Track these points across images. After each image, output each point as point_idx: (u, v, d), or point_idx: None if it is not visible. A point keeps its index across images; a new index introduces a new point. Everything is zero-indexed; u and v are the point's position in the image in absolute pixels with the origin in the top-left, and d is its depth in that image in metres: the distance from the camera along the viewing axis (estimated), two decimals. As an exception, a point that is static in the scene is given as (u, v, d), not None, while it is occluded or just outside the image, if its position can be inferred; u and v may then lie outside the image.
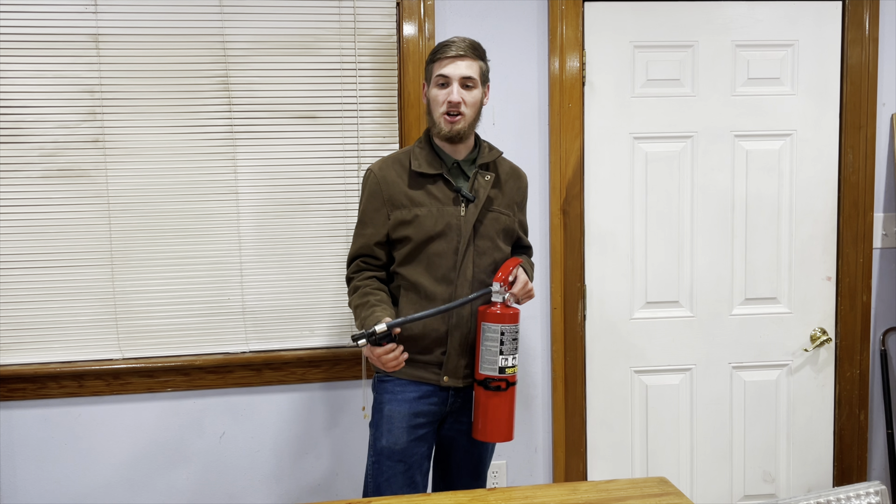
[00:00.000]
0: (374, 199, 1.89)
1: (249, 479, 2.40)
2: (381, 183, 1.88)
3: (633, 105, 2.45)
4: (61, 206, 2.24)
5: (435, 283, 1.85)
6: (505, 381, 1.78)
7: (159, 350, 2.32)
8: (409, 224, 1.85)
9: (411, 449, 1.86)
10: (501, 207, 1.93)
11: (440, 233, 1.85)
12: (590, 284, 2.49)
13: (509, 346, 1.78)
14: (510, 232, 1.96)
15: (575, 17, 2.39)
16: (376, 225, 1.89)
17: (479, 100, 1.88)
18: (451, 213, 1.86)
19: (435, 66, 1.86)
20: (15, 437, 2.30)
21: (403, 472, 1.86)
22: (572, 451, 2.51)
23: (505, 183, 1.96)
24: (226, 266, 2.32)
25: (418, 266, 1.87)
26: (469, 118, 1.86)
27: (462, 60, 1.84)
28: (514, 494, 1.64)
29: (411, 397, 1.87)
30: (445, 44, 1.86)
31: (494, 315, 1.77)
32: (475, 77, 1.86)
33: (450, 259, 1.85)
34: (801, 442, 2.61)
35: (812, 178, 2.52)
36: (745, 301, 2.55)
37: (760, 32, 2.47)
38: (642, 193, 2.49)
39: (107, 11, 2.21)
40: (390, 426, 1.87)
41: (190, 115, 2.27)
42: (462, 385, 1.89)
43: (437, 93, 1.85)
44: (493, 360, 1.77)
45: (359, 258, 1.92)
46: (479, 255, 1.88)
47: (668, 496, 1.61)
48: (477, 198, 1.87)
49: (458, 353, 1.87)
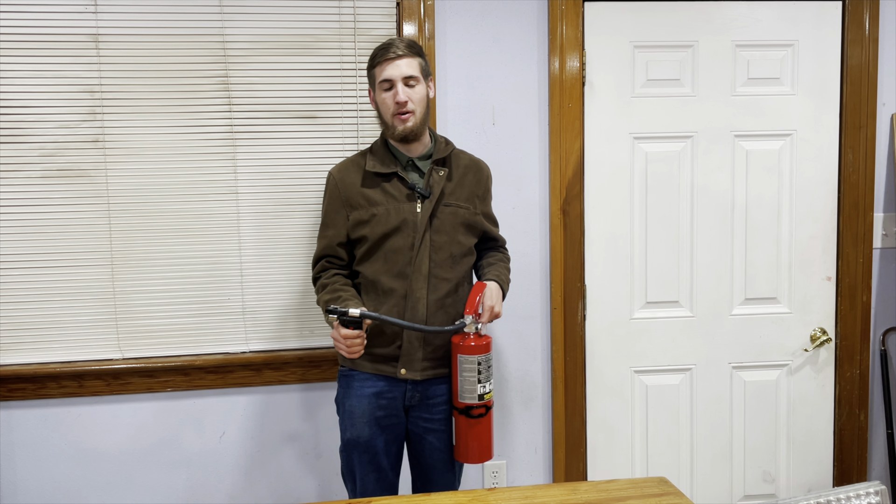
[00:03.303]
0: (334, 202, 1.96)
1: (249, 479, 2.40)
2: (340, 185, 1.95)
3: (633, 105, 2.45)
4: (61, 206, 2.24)
5: (392, 279, 1.90)
6: (485, 406, 1.84)
7: (159, 350, 2.32)
8: (366, 223, 1.91)
9: (374, 440, 1.94)
10: (460, 201, 1.96)
11: (395, 229, 1.90)
12: (590, 284, 2.49)
13: (486, 374, 1.83)
14: (472, 225, 1.99)
15: (575, 17, 2.39)
16: (337, 226, 1.96)
17: (425, 95, 1.92)
18: (407, 209, 1.91)
19: (376, 71, 1.90)
20: (15, 437, 2.30)
21: (369, 461, 1.95)
22: (572, 451, 2.51)
23: (463, 176, 1.99)
24: (226, 266, 2.32)
25: (376, 262, 1.92)
26: (419, 115, 1.90)
27: (401, 60, 1.87)
28: (514, 494, 1.64)
29: (369, 393, 1.94)
30: (382, 47, 1.90)
31: (470, 348, 1.82)
32: (417, 74, 1.89)
33: (406, 255, 1.90)
34: (801, 442, 2.61)
35: (812, 179, 2.52)
36: (745, 301, 2.55)
37: (760, 32, 2.47)
38: (642, 193, 2.49)
39: (107, 11, 2.21)
40: (353, 421, 1.95)
41: (190, 115, 2.27)
42: (420, 378, 1.93)
43: (385, 96, 1.90)
44: (473, 389, 1.82)
45: (323, 258, 1.99)
46: (436, 251, 1.91)
47: (668, 496, 1.61)
48: (431, 193, 1.91)
49: (414, 346, 1.91)
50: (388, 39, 1.92)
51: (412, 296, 1.89)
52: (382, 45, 1.91)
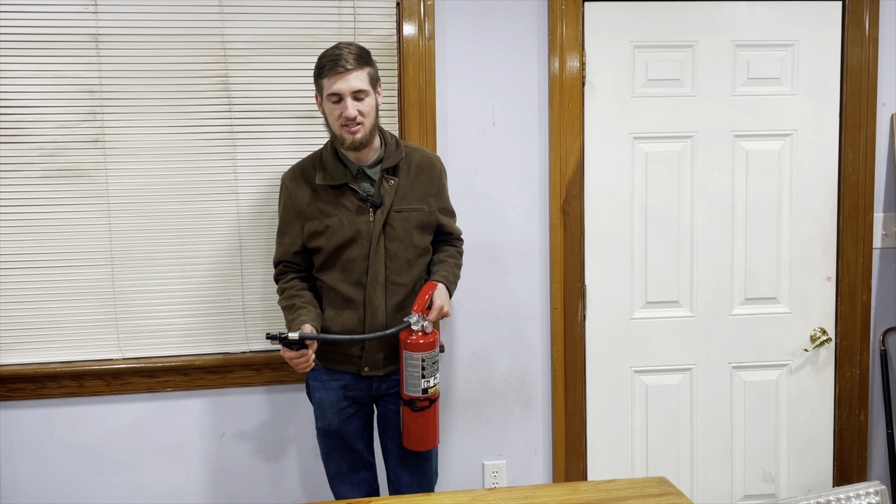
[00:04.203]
0: (288, 212, 1.99)
1: (249, 479, 2.40)
2: (293, 196, 1.97)
3: (633, 105, 2.45)
4: (61, 206, 2.24)
5: (350, 288, 1.93)
6: (428, 399, 1.89)
7: (159, 350, 2.32)
8: (321, 234, 1.93)
9: (344, 427, 2.00)
10: (412, 204, 1.96)
11: (350, 240, 1.92)
12: (590, 284, 2.49)
13: (430, 370, 1.88)
14: (427, 225, 2.00)
15: (575, 17, 2.39)
16: (292, 235, 1.98)
17: (374, 104, 1.90)
18: (361, 220, 1.92)
19: (324, 82, 1.85)
20: (15, 437, 2.29)
21: (341, 445, 2.02)
22: (572, 451, 2.51)
23: (416, 177, 1.98)
24: (226, 266, 2.32)
25: (334, 272, 1.95)
26: (368, 125, 1.88)
27: (350, 74, 1.83)
28: (514, 494, 1.64)
29: (336, 385, 1.99)
30: (332, 58, 1.83)
31: (415, 345, 1.86)
32: (366, 88, 1.86)
33: (361, 264, 1.92)
34: (801, 442, 2.61)
35: (812, 178, 2.52)
36: (745, 301, 2.55)
37: (760, 32, 2.47)
38: (642, 193, 2.49)
39: (107, 11, 2.21)
40: (322, 411, 2.01)
41: (190, 115, 2.27)
42: (383, 374, 1.99)
43: (332, 107, 1.86)
44: (417, 384, 1.87)
45: (281, 263, 2.02)
46: (391, 258, 1.93)
47: (668, 496, 1.61)
48: (383, 203, 1.91)
49: (375, 348, 1.97)
50: (337, 47, 1.85)
51: (371, 304, 1.93)
52: (331, 54, 1.84)
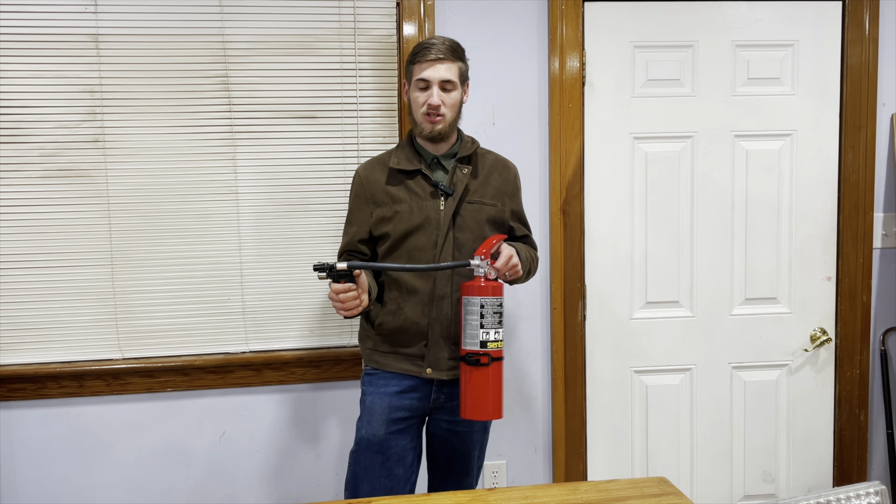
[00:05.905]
0: (359, 199, 1.96)
1: (249, 479, 2.40)
2: (365, 182, 1.95)
3: (633, 105, 2.45)
4: (61, 206, 2.24)
5: (415, 277, 1.89)
6: (487, 354, 1.75)
7: (159, 350, 2.32)
8: (389, 220, 1.90)
9: (390, 441, 1.89)
10: (485, 198, 1.94)
11: (418, 226, 1.88)
12: (590, 284, 2.49)
13: (490, 320, 1.76)
14: (499, 222, 1.97)
15: (575, 17, 2.39)
16: (360, 223, 1.95)
17: (459, 100, 1.92)
18: (431, 206, 1.89)
19: (415, 68, 1.89)
20: (15, 437, 2.30)
21: (381, 464, 1.88)
22: (572, 451, 2.51)
23: (489, 174, 1.97)
24: (226, 266, 2.32)
25: (399, 260, 1.90)
26: (449, 119, 1.89)
27: (441, 63, 1.86)
28: (514, 494, 1.64)
29: (393, 391, 1.91)
30: (425, 46, 1.87)
31: (473, 288, 1.77)
32: (454, 80, 1.88)
33: (429, 253, 1.88)
34: (801, 442, 2.61)
35: (812, 178, 2.52)
36: (745, 301, 2.55)
37: (760, 32, 2.47)
38: (642, 193, 2.49)
39: (107, 11, 2.21)
40: (370, 417, 1.91)
41: (190, 115, 2.27)
42: (447, 378, 1.91)
43: (418, 95, 1.88)
44: (475, 335, 1.75)
45: (346, 253, 1.99)
46: (459, 248, 1.90)
47: (668, 496, 1.61)
48: (455, 190, 1.90)
49: (439, 345, 1.89)
50: (433, 38, 1.89)
51: (436, 294, 1.88)
52: (426, 43, 1.87)
